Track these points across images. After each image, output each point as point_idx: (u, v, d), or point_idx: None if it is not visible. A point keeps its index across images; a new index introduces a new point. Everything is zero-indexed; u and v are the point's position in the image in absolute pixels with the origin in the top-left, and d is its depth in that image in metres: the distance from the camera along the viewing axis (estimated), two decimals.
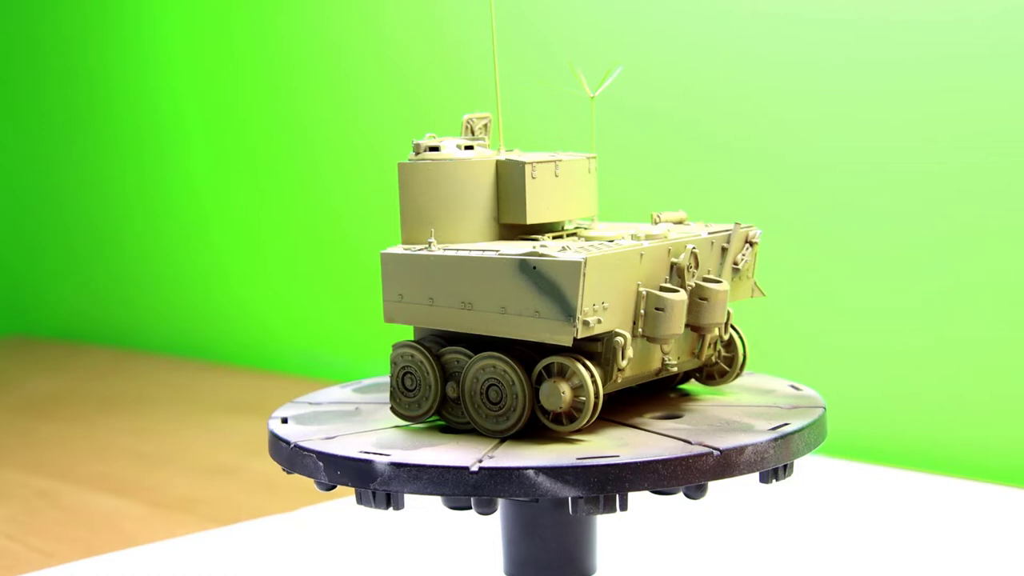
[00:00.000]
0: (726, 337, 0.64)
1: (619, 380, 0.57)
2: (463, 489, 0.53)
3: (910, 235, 1.05)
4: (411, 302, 0.59)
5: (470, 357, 0.58)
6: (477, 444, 0.56)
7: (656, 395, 0.65)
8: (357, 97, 1.53)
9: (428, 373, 0.59)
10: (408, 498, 0.56)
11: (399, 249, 0.60)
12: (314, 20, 1.57)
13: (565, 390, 0.55)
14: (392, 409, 0.61)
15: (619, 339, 0.55)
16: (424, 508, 0.89)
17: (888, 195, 1.06)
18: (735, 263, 0.62)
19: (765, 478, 0.57)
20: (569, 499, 0.53)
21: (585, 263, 0.53)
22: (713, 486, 0.58)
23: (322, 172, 1.59)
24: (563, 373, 0.56)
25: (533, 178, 0.60)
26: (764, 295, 0.66)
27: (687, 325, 0.58)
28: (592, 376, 0.55)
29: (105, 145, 1.91)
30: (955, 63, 1.02)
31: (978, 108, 1.01)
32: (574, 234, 0.63)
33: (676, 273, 0.58)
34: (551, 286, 0.54)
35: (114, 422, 1.38)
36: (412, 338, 0.61)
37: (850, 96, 1.08)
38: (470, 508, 0.61)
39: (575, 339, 0.54)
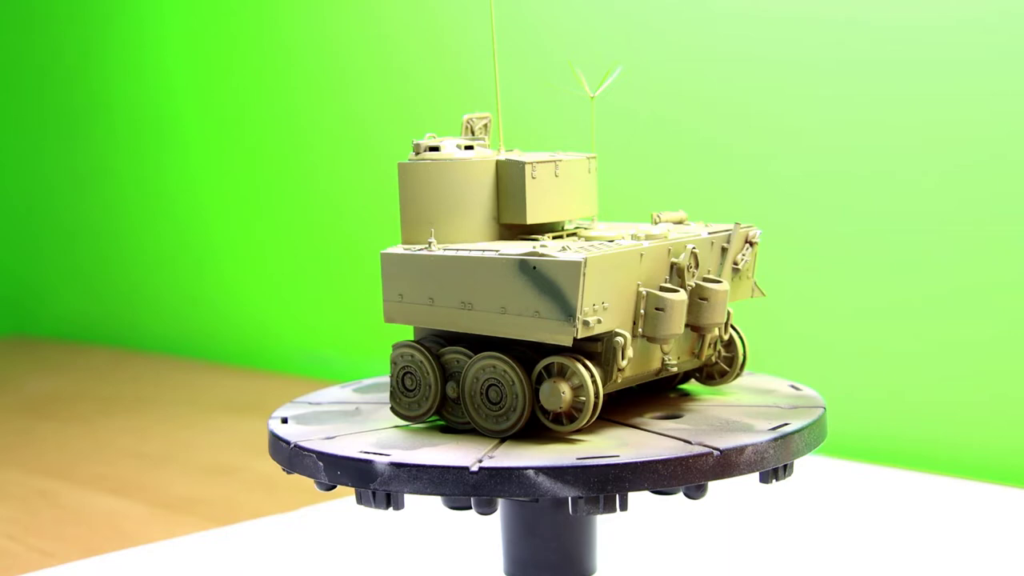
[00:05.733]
0: (726, 337, 0.64)
1: (619, 380, 0.57)
2: (463, 489, 0.53)
3: (910, 236, 1.05)
4: (411, 302, 0.59)
5: (470, 357, 0.58)
6: (477, 444, 0.56)
7: (656, 395, 0.65)
8: (357, 97, 1.53)
9: (428, 373, 0.59)
10: (408, 498, 0.56)
11: (399, 249, 0.60)
12: (314, 20, 1.57)
13: (565, 390, 0.55)
14: (392, 409, 0.61)
15: (619, 339, 0.55)
16: (424, 508, 0.89)
17: (888, 196, 1.06)
18: (735, 263, 0.62)
19: (765, 478, 0.57)
20: (569, 499, 0.53)
21: (585, 263, 0.53)
22: (713, 486, 0.58)
23: (322, 172, 1.59)
24: (563, 373, 0.56)
25: (533, 178, 0.60)
26: (764, 295, 0.66)
27: (687, 325, 0.58)
28: (592, 376, 0.55)
29: (105, 145, 1.91)
30: (954, 65, 1.02)
31: (978, 109, 1.01)
32: (574, 234, 0.63)
33: (676, 273, 0.58)
34: (551, 286, 0.54)
35: (114, 422, 1.38)
36: (412, 338, 0.61)
37: (850, 97, 1.08)
38: (470, 508, 0.61)
39: (575, 339, 0.54)
